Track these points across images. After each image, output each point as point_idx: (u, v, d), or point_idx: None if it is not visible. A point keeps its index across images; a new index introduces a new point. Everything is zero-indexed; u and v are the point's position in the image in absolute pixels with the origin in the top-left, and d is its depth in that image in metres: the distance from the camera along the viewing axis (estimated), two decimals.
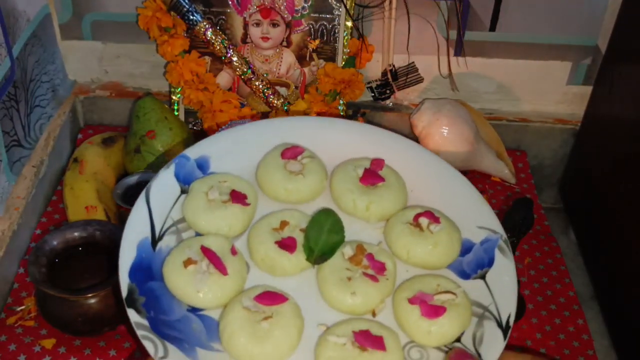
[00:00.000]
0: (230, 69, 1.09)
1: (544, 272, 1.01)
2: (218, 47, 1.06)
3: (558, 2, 1.09)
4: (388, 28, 1.09)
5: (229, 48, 1.06)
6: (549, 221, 1.10)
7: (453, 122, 1.07)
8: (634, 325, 0.93)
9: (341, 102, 1.11)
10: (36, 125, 1.04)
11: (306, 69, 1.11)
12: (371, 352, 0.63)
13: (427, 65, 1.13)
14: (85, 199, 0.98)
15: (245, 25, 1.08)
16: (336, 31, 1.08)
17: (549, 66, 1.15)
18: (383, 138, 0.81)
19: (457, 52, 1.14)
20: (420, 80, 1.14)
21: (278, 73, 1.11)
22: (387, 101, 1.17)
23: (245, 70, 1.07)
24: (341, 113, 1.11)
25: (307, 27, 1.08)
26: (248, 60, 1.08)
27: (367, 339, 0.64)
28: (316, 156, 0.78)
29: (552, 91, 1.18)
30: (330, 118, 0.85)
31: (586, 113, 1.17)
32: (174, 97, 1.11)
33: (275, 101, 1.09)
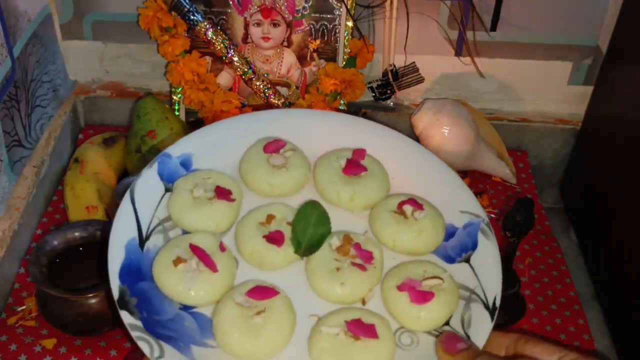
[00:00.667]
0: (231, 69, 1.09)
1: (545, 272, 1.01)
2: (219, 47, 1.06)
3: (559, 2, 1.09)
4: (389, 28, 1.09)
5: (230, 48, 1.06)
6: (550, 221, 1.10)
7: (454, 122, 1.07)
8: (635, 325, 0.93)
9: (342, 102, 1.11)
10: (37, 125, 1.04)
11: (307, 69, 1.11)
12: (364, 341, 0.64)
13: (428, 65, 1.13)
14: (85, 199, 0.98)
15: (246, 25, 1.08)
16: (337, 31, 1.08)
17: (550, 66, 1.15)
18: (363, 127, 0.80)
19: (458, 52, 1.14)
20: (421, 80, 1.14)
21: (279, 73, 1.11)
22: (388, 101, 1.17)
23: (246, 70, 1.07)
24: None
25: (308, 27, 1.08)
26: (249, 60, 1.08)
27: (360, 328, 0.64)
28: (298, 149, 0.78)
29: (553, 91, 1.18)
30: (310, 110, 0.85)
31: (587, 113, 1.17)
32: (175, 97, 1.11)
33: (276, 101, 1.09)
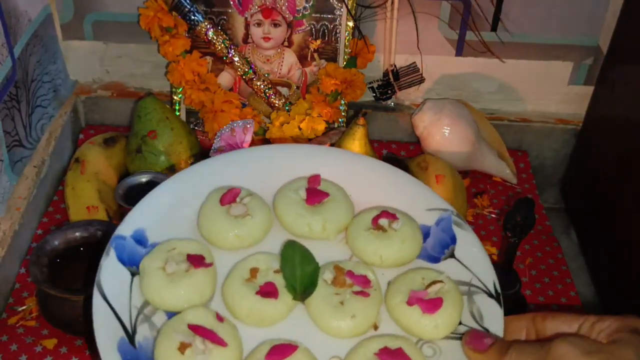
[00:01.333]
0: (231, 69, 1.09)
1: (546, 272, 1.01)
2: (219, 47, 1.06)
3: (559, 3, 1.09)
4: (389, 28, 1.09)
5: (231, 48, 1.06)
6: (550, 221, 1.10)
7: (454, 122, 1.07)
8: None
9: (342, 102, 1.11)
10: (37, 125, 1.04)
11: (307, 69, 1.11)
12: None
13: (429, 65, 1.13)
14: (86, 199, 0.98)
15: (246, 25, 1.08)
16: (337, 31, 1.08)
17: (551, 66, 1.15)
18: (299, 153, 0.78)
19: (459, 52, 1.14)
20: (421, 80, 1.14)
21: (279, 73, 1.11)
22: (389, 101, 1.17)
23: (246, 70, 1.07)
24: (342, 113, 1.11)
25: (309, 27, 1.08)
26: (249, 60, 1.08)
27: (391, 356, 0.63)
28: (254, 192, 0.74)
29: (554, 91, 1.18)
30: (244, 149, 0.83)
31: (587, 113, 1.17)
32: (175, 97, 1.11)
33: (276, 101, 1.09)
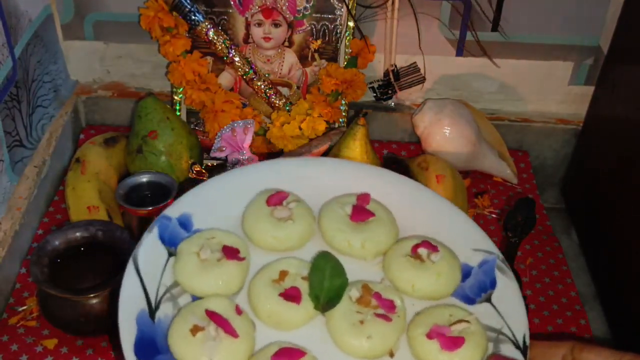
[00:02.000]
0: (232, 69, 1.09)
1: (546, 273, 1.00)
2: (220, 47, 1.06)
3: (560, 3, 1.09)
4: (390, 28, 1.09)
5: (231, 48, 1.06)
6: (551, 221, 1.10)
7: (455, 122, 1.07)
8: (636, 325, 0.93)
9: (343, 103, 1.11)
10: (38, 125, 1.04)
11: (308, 69, 1.11)
12: None
13: (429, 65, 1.13)
14: (87, 199, 0.98)
15: (247, 25, 1.08)
16: (338, 31, 1.08)
17: (551, 66, 1.15)
18: (361, 171, 0.79)
19: (459, 52, 1.14)
20: (422, 80, 1.14)
21: (280, 73, 1.11)
22: (389, 101, 1.17)
23: (247, 70, 1.07)
24: (343, 113, 1.11)
25: (309, 27, 1.08)
26: (250, 60, 1.08)
27: None
28: (301, 199, 0.75)
29: (554, 91, 1.18)
30: (305, 157, 0.83)
31: (588, 113, 1.17)
32: (176, 98, 1.11)
33: (277, 101, 1.09)
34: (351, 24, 1.07)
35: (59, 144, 1.09)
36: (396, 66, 1.12)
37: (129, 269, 0.65)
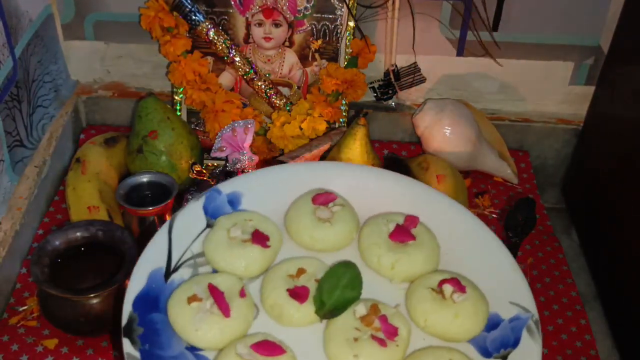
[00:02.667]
0: (232, 69, 1.09)
1: (547, 272, 1.00)
2: (220, 47, 1.06)
3: (560, 3, 1.09)
4: (390, 28, 1.09)
5: (232, 48, 1.06)
6: (552, 221, 1.10)
7: (455, 122, 1.07)
8: (637, 325, 0.93)
9: (343, 103, 1.11)
10: (38, 125, 1.04)
11: (308, 69, 1.11)
12: None
13: (430, 65, 1.13)
14: (87, 199, 0.98)
15: (247, 25, 1.08)
16: (338, 31, 1.08)
17: (552, 66, 1.15)
18: (424, 194, 0.77)
19: (460, 52, 1.14)
20: (422, 80, 1.14)
21: (280, 73, 1.11)
22: (390, 101, 1.17)
23: (247, 70, 1.07)
24: (343, 113, 1.11)
25: (310, 27, 1.08)
26: (250, 60, 1.08)
27: None
28: (349, 205, 0.75)
29: (555, 91, 1.18)
30: (370, 167, 0.82)
31: (588, 113, 1.17)
32: (176, 97, 1.11)
33: (277, 101, 1.09)
34: (352, 24, 1.07)
35: (60, 144, 1.09)
36: (396, 66, 1.12)
37: (163, 228, 0.68)
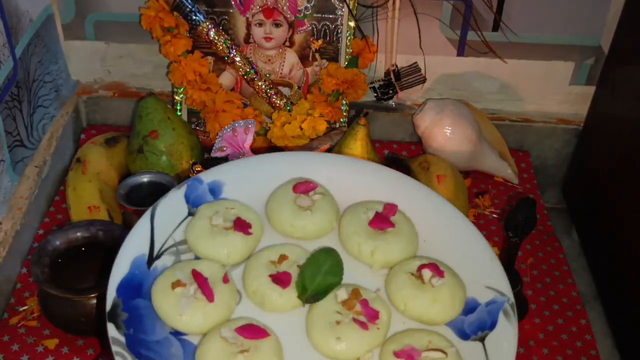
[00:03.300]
0: (233, 69, 1.09)
1: (547, 272, 1.00)
2: (221, 47, 1.06)
3: (561, 3, 1.09)
4: (391, 28, 1.09)
5: (232, 48, 1.06)
6: (552, 221, 1.10)
7: (456, 122, 1.07)
8: (637, 325, 0.93)
9: (344, 102, 1.11)
10: (39, 125, 1.04)
11: (309, 69, 1.11)
12: None
13: (430, 65, 1.13)
14: (88, 199, 0.98)
15: (248, 25, 1.08)
16: (339, 31, 1.08)
17: (552, 66, 1.15)
18: (402, 183, 0.78)
19: (460, 52, 1.14)
20: (422, 80, 1.14)
21: (281, 73, 1.11)
22: (390, 101, 1.17)
23: (248, 70, 1.07)
24: (344, 113, 1.11)
25: (310, 27, 1.08)
26: (251, 60, 1.08)
27: None
28: (329, 194, 0.75)
29: (555, 91, 1.18)
30: (350, 157, 0.83)
31: (589, 113, 1.17)
32: (177, 97, 1.11)
33: (278, 101, 1.09)
34: (352, 24, 1.07)
35: (60, 144, 1.09)
36: (397, 66, 1.12)
37: (145, 215, 0.69)
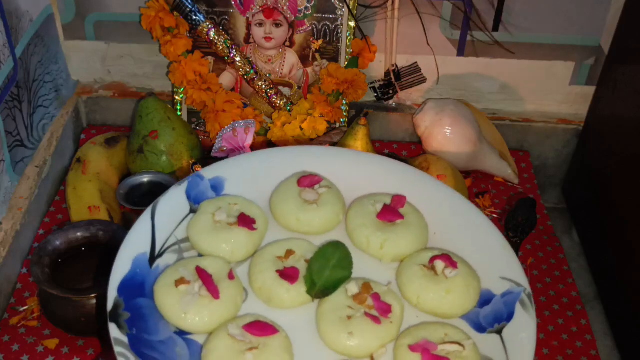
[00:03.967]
0: (233, 69, 1.09)
1: (547, 272, 1.00)
2: (221, 48, 1.06)
3: (561, 3, 1.09)
4: (391, 28, 1.09)
5: (232, 48, 1.06)
6: (552, 221, 1.10)
7: (456, 122, 1.07)
8: (637, 325, 0.93)
9: (344, 102, 1.11)
10: (39, 125, 1.04)
11: (309, 69, 1.11)
12: None
13: (430, 65, 1.13)
14: (88, 199, 0.98)
15: (248, 25, 1.08)
16: (339, 31, 1.08)
17: (552, 66, 1.15)
18: (410, 175, 0.77)
19: (460, 52, 1.14)
20: (423, 80, 1.14)
21: (281, 73, 1.11)
22: (390, 101, 1.17)
23: (248, 70, 1.07)
24: (344, 113, 1.11)
25: (310, 27, 1.08)
26: (251, 60, 1.08)
27: None
28: (334, 187, 0.74)
29: (555, 91, 1.18)
30: (355, 150, 0.82)
31: (589, 113, 1.17)
32: (177, 97, 1.11)
33: (278, 101, 1.09)
34: (352, 24, 1.07)
35: (60, 144, 1.09)
36: (397, 66, 1.12)
37: (146, 213, 0.67)
